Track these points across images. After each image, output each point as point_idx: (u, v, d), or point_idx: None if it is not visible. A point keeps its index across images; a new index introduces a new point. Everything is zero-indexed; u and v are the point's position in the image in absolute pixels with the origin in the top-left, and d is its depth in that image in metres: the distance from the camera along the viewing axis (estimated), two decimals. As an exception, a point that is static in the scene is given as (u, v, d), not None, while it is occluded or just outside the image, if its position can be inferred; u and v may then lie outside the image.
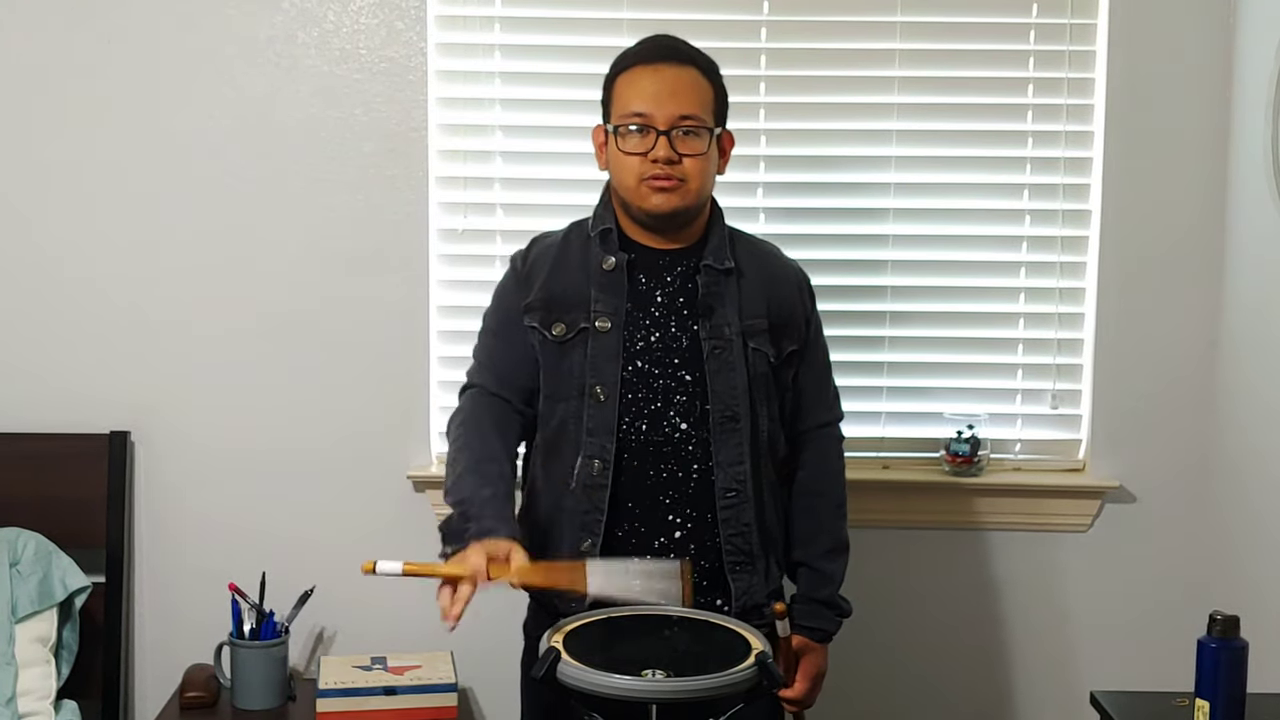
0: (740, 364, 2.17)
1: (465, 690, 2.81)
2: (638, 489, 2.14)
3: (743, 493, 2.15)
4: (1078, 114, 2.88)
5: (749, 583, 2.17)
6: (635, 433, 2.14)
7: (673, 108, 2.11)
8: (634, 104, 2.12)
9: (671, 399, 2.15)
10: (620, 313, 2.15)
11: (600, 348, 2.15)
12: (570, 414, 2.16)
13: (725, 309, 2.17)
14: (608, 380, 2.14)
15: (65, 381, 2.83)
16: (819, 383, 2.32)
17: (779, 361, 2.22)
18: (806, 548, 2.28)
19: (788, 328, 2.24)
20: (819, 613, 2.26)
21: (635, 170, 2.12)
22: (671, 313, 2.17)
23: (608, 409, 2.13)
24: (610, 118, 2.17)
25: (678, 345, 2.16)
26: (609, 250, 2.18)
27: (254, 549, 2.82)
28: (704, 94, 2.15)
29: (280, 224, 2.83)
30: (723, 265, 2.18)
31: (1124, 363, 2.89)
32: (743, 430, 2.16)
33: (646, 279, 2.18)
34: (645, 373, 2.15)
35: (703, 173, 2.14)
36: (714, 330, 2.16)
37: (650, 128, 2.10)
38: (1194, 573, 2.89)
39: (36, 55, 2.78)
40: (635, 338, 2.16)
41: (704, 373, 2.15)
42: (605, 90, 2.20)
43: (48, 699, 2.58)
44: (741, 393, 2.16)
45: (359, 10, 2.81)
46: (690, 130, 2.11)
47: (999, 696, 2.98)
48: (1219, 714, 1.90)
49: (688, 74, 2.14)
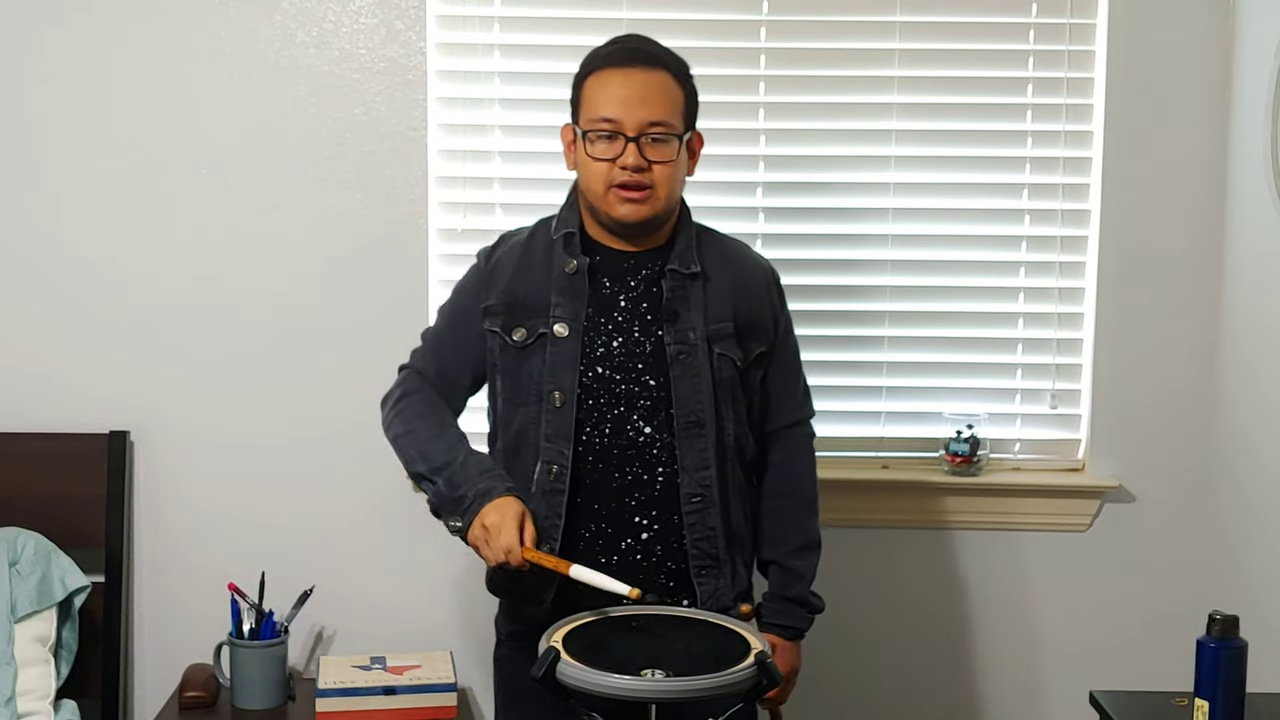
0: (705, 369, 2.15)
1: (465, 690, 2.81)
2: (603, 492, 2.14)
3: (708, 498, 2.15)
4: (1077, 114, 2.88)
5: (714, 586, 2.16)
6: (599, 436, 2.14)
7: (642, 114, 2.09)
8: (603, 109, 2.10)
9: (635, 404, 2.14)
10: (580, 318, 2.15)
11: (559, 354, 2.14)
12: (529, 419, 2.16)
13: (690, 314, 2.16)
14: (565, 386, 2.13)
15: (65, 381, 2.83)
16: (788, 382, 2.31)
17: (746, 364, 2.21)
18: (776, 546, 2.28)
19: (756, 329, 2.23)
20: (790, 611, 2.26)
21: (603, 176, 2.11)
22: (635, 318, 2.16)
23: (565, 415, 2.13)
24: (579, 120, 2.15)
25: (641, 350, 2.15)
26: (571, 254, 2.16)
27: (253, 549, 2.82)
28: (674, 99, 2.13)
29: (280, 224, 2.83)
30: (689, 269, 2.17)
31: (1123, 362, 2.89)
32: (708, 435, 2.15)
33: (610, 283, 2.17)
34: (606, 378, 2.14)
35: (671, 179, 2.13)
36: (679, 335, 2.15)
37: (619, 134, 2.09)
38: (1193, 572, 2.89)
39: (36, 56, 2.77)
40: (596, 343, 2.15)
41: (668, 378, 2.14)
42: (574, 90, 2.18)
43: (47, 699, 2.58)
44: (706, 398, 2.15)
45: (358, 10, 2.81)
46: (659, 137, 2.10)
47: (999, 696, 2.98)
48: (1218, 714, 1.91)
49: (658, 78, 2.12)
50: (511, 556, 1.99)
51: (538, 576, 2.08)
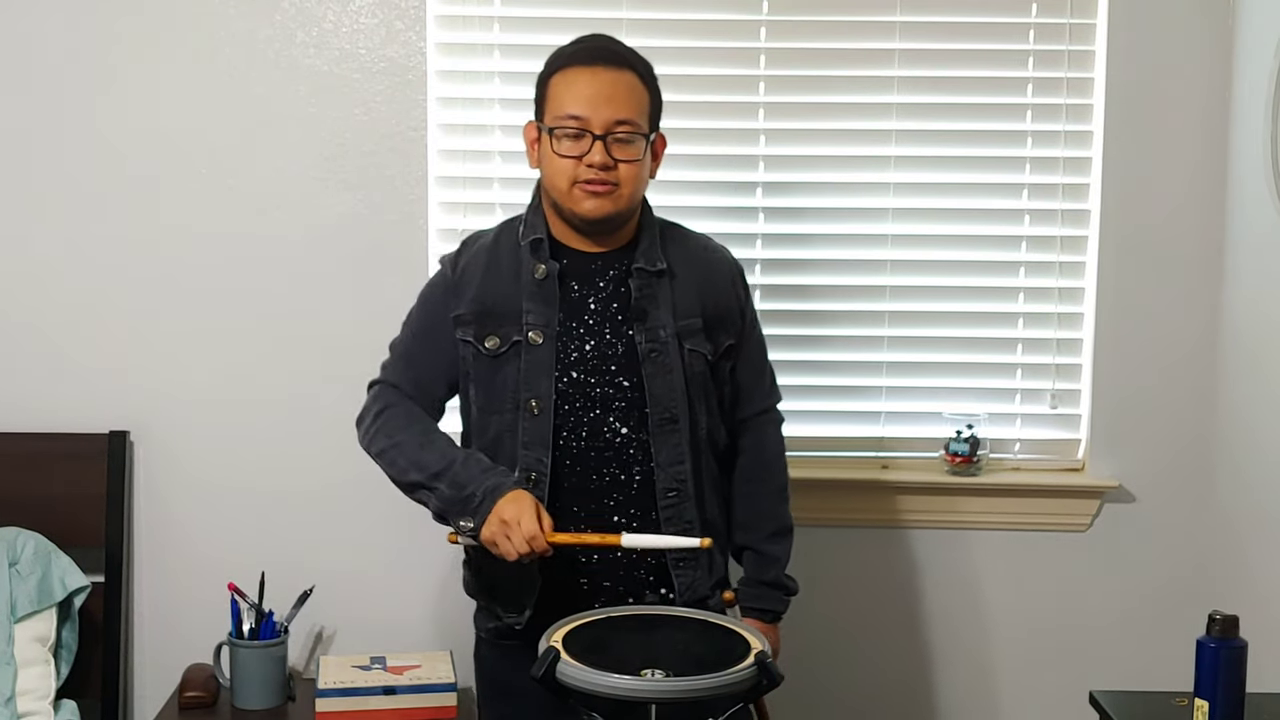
0: (677, 366, 2.17)
1: (465, 690, 2.81)
2: (582, 493, 2.15)
3: (683, 492, 2.16)
4: (1077, 114, 2.88)
5: (692, 576, 2.18)
6: (576, 440, 2.15)
7: (609, 112, 2.09)
8: (570, 106, 2.11)
9: (610, 405, 2.15)
10: (553, 324, 2.15)
11: (533, 361, 2.14)
12: (505, 427, 2.16)
13: (659, 311, 2.17)
14: (542, 393, 2.14)
15: (65, 381, 2.83)
16: (756, 371, 2.32)
17: (716, 358, 2.22)
18: (750, 532, 2.29)
19: (724, 322, 2.24)
20: (766, 594, 2.27)
21: (569, 173, 2.11)
22: (606, 320, 2.17)
23: (543, 422, 2.13)
24: (544, 117, 2.15)
25: (613, 352, 2.16)
26: (540, 259, 2.16)
27: (253, 549, 2.82)
28: (640, 99, 2.14)
29: (280, 224, 2.83)
30: (655, 267, 2.18)
31: (1123, 362, 2.89)
32: (681, 430, 2.16)
33: (579, 286, 2.18)
34: (581, 382, 2.15)
35: (636, 178, 2.13)
36: (650, 334, 2.16)
37: (586, 132, 2.09)
38: (1193, 572, 2.90)
39: (36, 56, 2.77)
40: (570, 348, 2.15)
41: (641, 377, 2.15)
42: (539, 88, 2.18)
43: (47, 699, 2.58)
44: (680, 394, 2.16)
45: (358, 10, 2.81)
46: (625, 137, 2.10)
47: (999, 696, 2.98)
48: (1218, 714, 1.90)
49: (625, 78, 2.13)
50: (536, 544, 1.99)
51: (519, 582, 2.10)
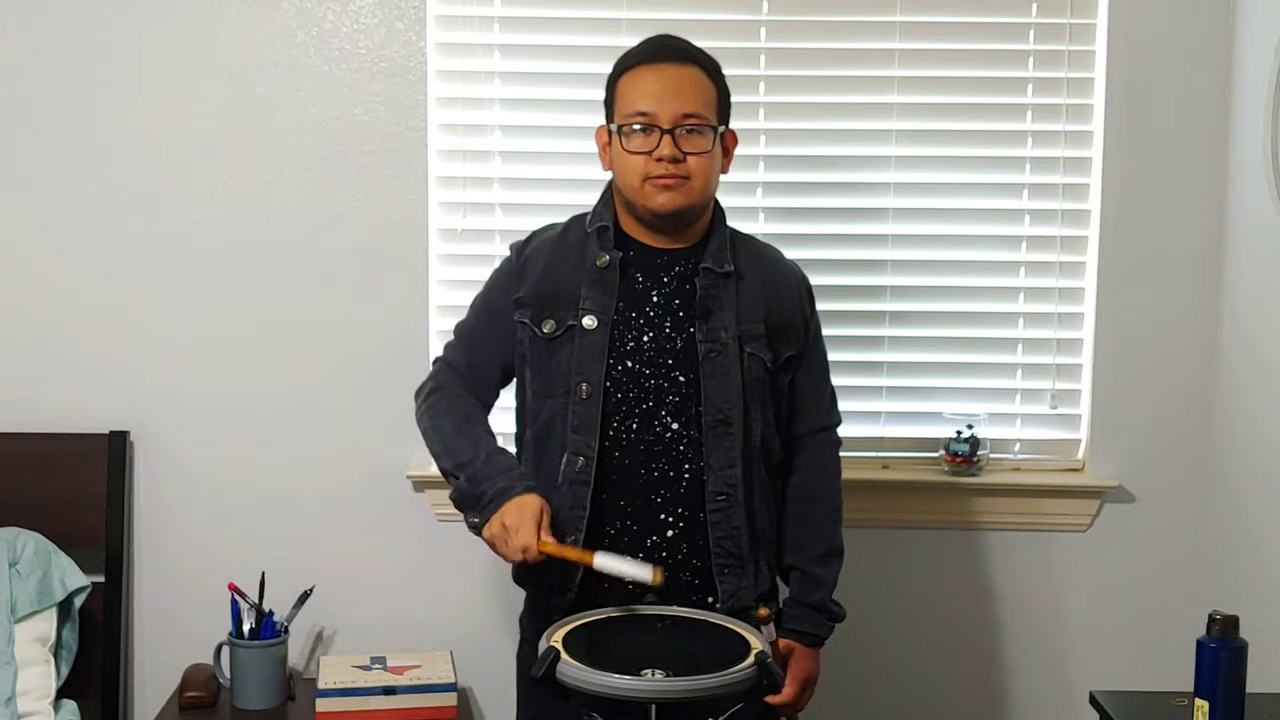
0: (735, 368, 2.16)
1: (465, 690, 2.81)
2: (629, 487, 2.15)
3: (733, 497, 2.15)
4: (1077, 114, 2.88)
5: (737, 585, 2.16)
6: (625, 431, 2.15)
7: (676, 106, 2.11)
8: (638, 103, 2.13)
9: (663, 399, 2.15)
10: (609, 311, 2.16)
11: (587, 345, 2.15)
12: (557, 411, 2.17)
13: (723, 312, 2.17)
14: (593, 378, 2.14)
15: (65, 381, 2.83)
16: (816, 387, 2.32)
17: (776, 366, 2.22)
18: (799, 552, 2.27)
19: (786, 332, 2.24)
20: (810, 617, 2.25)
21: (639, 169, 2.12)
22: (667, 313, 2.17)
23: (592, 406, 2.13)
24: (614, 117, 2.18)
25: (671, 346, 2.16)
26: (604, 247, 2.18)
27: (254, 549, 2.82)
28: (707, 92, 2.15)
29: (280, 224, 2.83)
30: (722, 268, 2.18)
31: (1123, 362, 2.89)
32: (735, 435, 2.15)
33: (643, 278, 2.18)
34: (636, 373, 2.15)
35: (707, 170, 2.14)
36: (710, 333, 2.16)
37: (654, 126, 2.11)
38: (1193, 572, 2.89)
39: (34, 55, 2.77)
40: (626, 337, 2.16)
41: (698, 375, 2.14)
42: (608, 90, 2.20)
43: (47, 699, 2.58)
44: (735, 397, 2.16)
45: (358, 10, 2.81)
46: (694, 129, 2.11)
47: (998, 697, 2.98)
48: (1218, 714, 1.90)
49: (691, 73, 2.15)
50: (528, 554, 2.00)
51: (562, 567, 2.08)
